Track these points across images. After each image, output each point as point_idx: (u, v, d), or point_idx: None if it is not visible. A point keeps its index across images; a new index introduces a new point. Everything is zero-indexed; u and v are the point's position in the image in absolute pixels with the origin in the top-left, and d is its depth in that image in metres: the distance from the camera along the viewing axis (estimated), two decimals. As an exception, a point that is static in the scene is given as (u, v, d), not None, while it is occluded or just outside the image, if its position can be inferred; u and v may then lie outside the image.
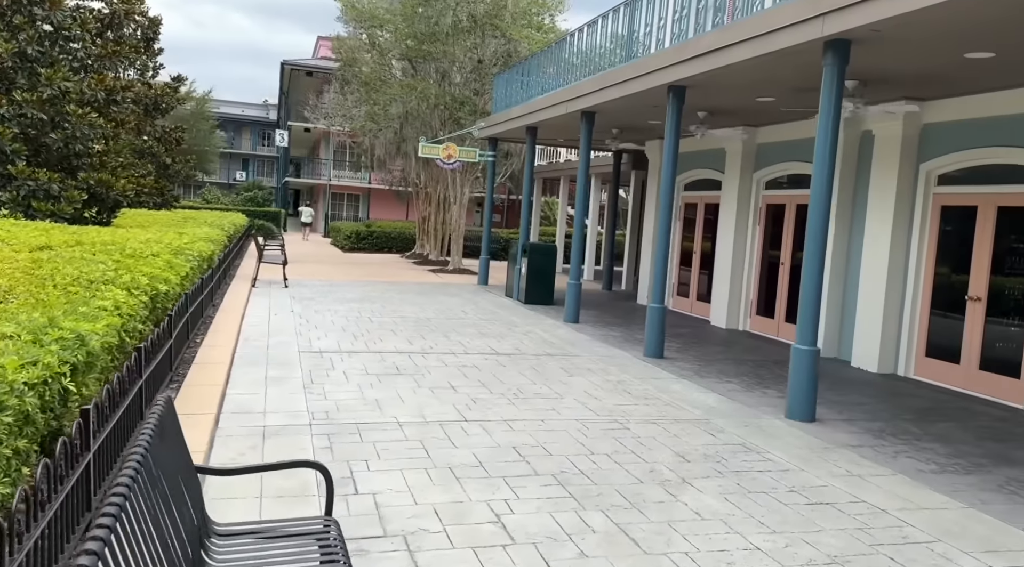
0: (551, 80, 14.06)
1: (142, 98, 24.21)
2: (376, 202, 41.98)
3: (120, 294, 6.09)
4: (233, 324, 9.76)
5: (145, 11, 24.66)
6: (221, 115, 64.76)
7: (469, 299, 14.81)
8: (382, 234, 27.53)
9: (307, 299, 13.21)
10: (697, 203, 14.65)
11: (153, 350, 5.79)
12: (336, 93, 24.96)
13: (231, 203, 44.89)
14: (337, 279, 17.18)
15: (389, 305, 13.10)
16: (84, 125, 14.02)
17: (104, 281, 6.48)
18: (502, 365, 8.65)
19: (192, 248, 10.38)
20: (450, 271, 20.23)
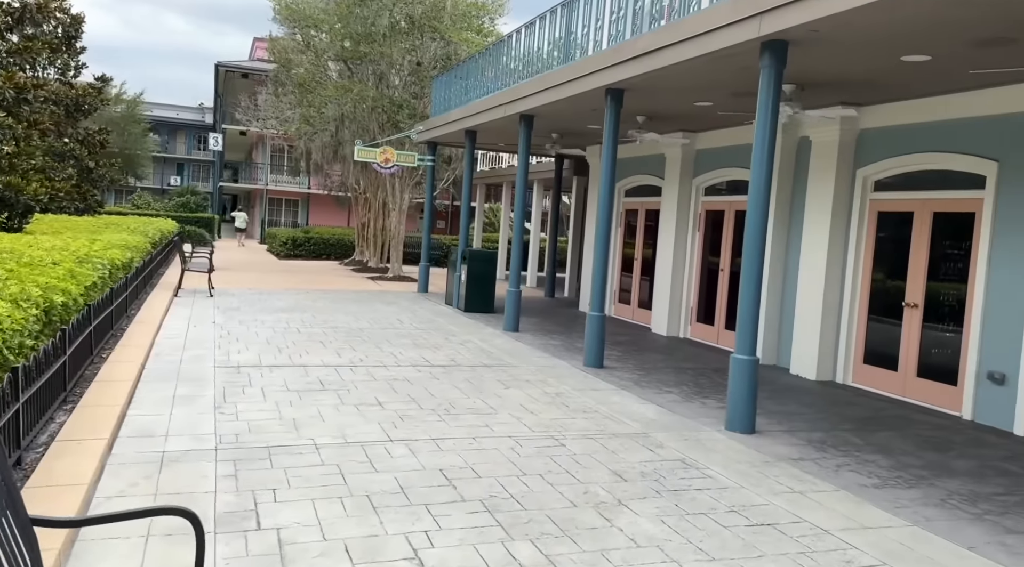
0: (490, 83, 13.72)
1: (62, 98, 22.98)
2: (315, 208, 41.01)
3: (3, 307, 5.46)
4: (146, 337, 9.08)
5: (67, 8, 23.46)
6: (154, 118, 62.61)
7: (407, 307, 14.32)
8: (320, 240, 26.76)
9: (232, 309, 12.53)
10: (638, 209, 14.50)
11: (37, 369, 5.19)
12: (270, 94, 24.15)
13: (163, 208, 43.24)
14: (268, 287, 16.47)
15: (321, 315, 12.52)
16: (-11, 124, 13.05)
17: (-15, 293, 5.82)
18: (435, 378, 8.22)
19: (103, 256, 9.66)
20: (390, 279, 19.68)
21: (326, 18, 18.98)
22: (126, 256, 11.65)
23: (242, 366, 8.15)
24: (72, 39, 23.70)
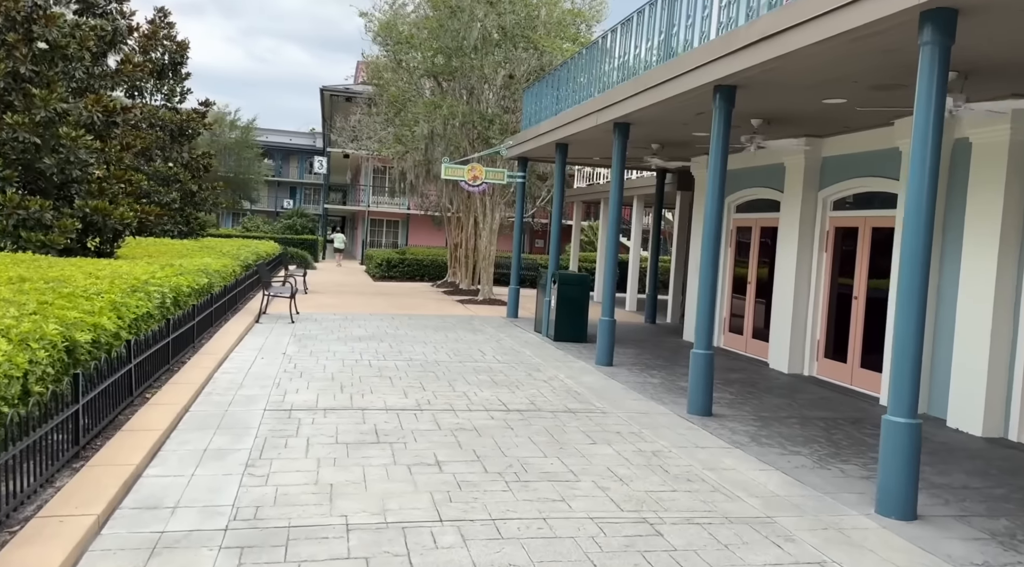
0: (583, 90, 12.53)
1: (167, 123, 23.63)
2: (414, 228, 41.01)
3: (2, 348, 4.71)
4: (204, 372, 8.39)
5: (173, 35, 24.18)
6: (269, 144, 65.26)
7: (492, 336, 13.23)
8: (414, 262, 26.28)
9: (308, 337, 11.83)
10: (751, 226, 12.85)
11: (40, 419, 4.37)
12: (365, 115, 23.94)
13: (270, 231, 44.47)
14: (355, 311, 15.83)
15: (399, 344, 11.62)
16: (79, 149, 13.05)
17: (-8, 332, 5.11)
18: (509, 427, 7.03)
19: (164, 283, 9.10)
20: (479, 302, 18.73)
21: (416, 32, 18.40)
22: (200, 282, 11.18)
23: (295, 409, 7.24)
24: (177, 65, 24.41)
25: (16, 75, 12.97)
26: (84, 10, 14.20)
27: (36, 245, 12.53)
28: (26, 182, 13.45)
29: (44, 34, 12.95)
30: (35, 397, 4.79)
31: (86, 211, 13.24)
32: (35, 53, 13.00)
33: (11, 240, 12.51)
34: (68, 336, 5.70)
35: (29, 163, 13.06)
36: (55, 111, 13.02)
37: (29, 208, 12.52)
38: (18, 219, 12.49)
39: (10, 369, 4.72)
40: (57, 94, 13.02)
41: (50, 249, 12.66)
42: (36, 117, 12.81)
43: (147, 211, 14.96)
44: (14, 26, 12.92)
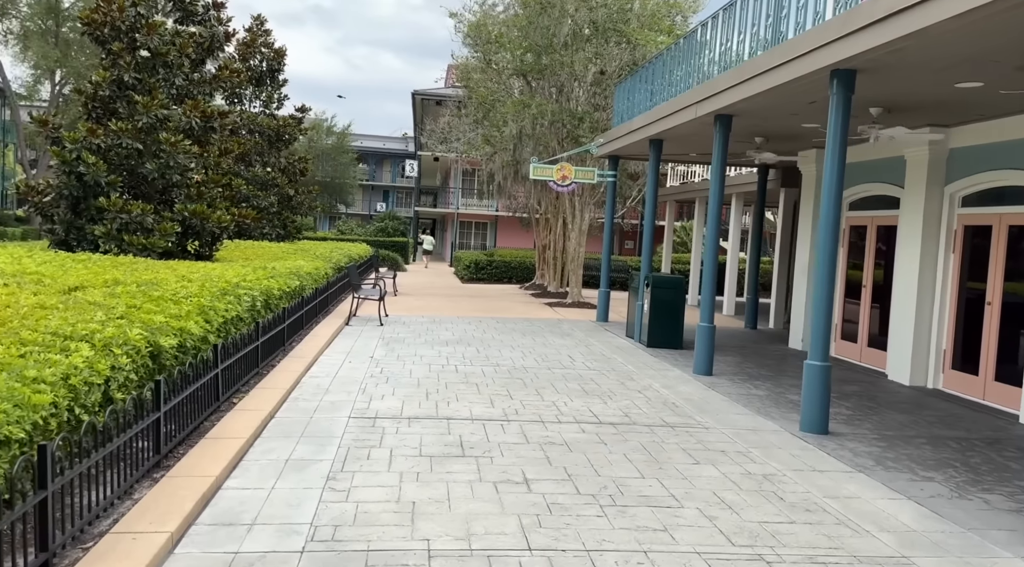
0: (679, 83, 11.88)
1: (265, 129, 24.32)
2: (503, 230, 40.93)
3: (80, 357, 4.62)
4: (292, 376, 8.29)
5: (271, 43, 24.88)
6: (363, 149, 66.89)
7: (581, 341, 12.74)
8: (502, 264, 26.07)
9: (396, 341, 11.69)
10: (866, 224, 11.84)
11: (100, 435, 4.24)
12: (454, 117, 23.90)
13: (364, 234, 45.41)
14: (443, 314, 15.68)
15: (486, 349, 11.31)
16: (179, 153, 13.41)
17: (79, 337, 5.06)
18: (602, 442, 6.54)
19: (255, 286, 9.09)
20: (568, 305, 18.26)
21: (506, 31, 18.12)
22: (292, 284, 11.21)
23: (379, 417, 7.00)
24: (275, 72, 25.10)
25: (120, 83, 13.46)
26: (184, 18, 14.64)
27: (138, 248, 12.94)
28: (129, 186, 13.95)
29: (146, 42, 13.38)
30: (116, 404, 4.69)
31: (185, 215, 13.60)
32: (138, 61, 13.46)
33: (115, 243, 12.97)
34: (152, 341, 5.62)
35: (132, 168, 13.53)
36: (156, 117, 13.43)
37: (131, 212, 12.95)
38: (121, 223, 12.94)
39: (91, 376, 4.62)
40: (158, 101, 13.42)
41: (151, 252, 13.05)
42: (138, 123, 13.24)
43: (243, 214, 15.28)
44: (119, 35, 13.41)
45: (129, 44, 13.37)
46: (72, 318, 5.57)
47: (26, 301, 6.36)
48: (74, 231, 13.33)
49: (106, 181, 13.03)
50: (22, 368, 4.24)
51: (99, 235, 12.89)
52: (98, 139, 12.97)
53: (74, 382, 4.39)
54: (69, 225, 13.35)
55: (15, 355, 4.53)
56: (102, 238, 12.93)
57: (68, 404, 4.34)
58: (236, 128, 23.72)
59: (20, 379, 4.05)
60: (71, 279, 7.82)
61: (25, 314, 5.71)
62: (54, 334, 5.08)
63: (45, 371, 4.23)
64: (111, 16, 13.29)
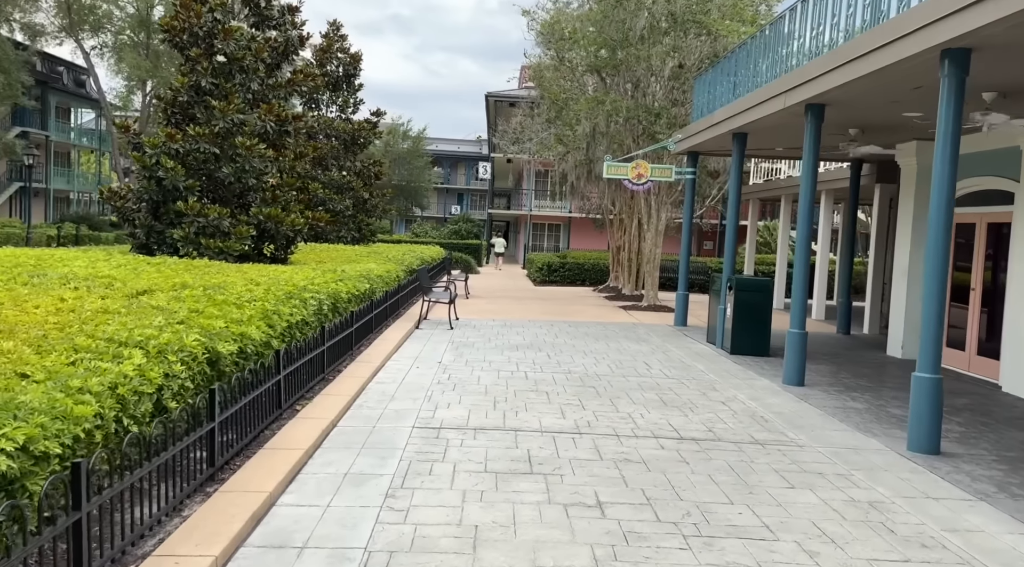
0: (765, 73, 11.14)
1: (340, 133, 24.58)
2: (576, 232, 40.38)
3: (132, 365, 4.43)
4: (358, 381, 8.06)
5: (347, 47, 25.15)
6: (438, 153, 67.52)
7: (658, 346, 12.12)
8: (575, 266, 25.54)
9: (466, 345, 11.37)
10: (974, 223, 10.81)
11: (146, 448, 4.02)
12: (526, 117, 23.56)
13: (437, 236, 45.67)
14: (514, 318, 15.32)
15: (557, 354, 10.86)
16: (253, 157, 13.51)
17: (134, 343, 4.90)
18: (684, 460, 6.00)
19: (322, 289, 8.93)
20: (643, 308, 17.59)
21: (580, 26, 17.62)
22: (361, 288, 11.05)
23: (444, 428, 6.65)
24: (351, 77, 25.34)
25: (198, 88, 13.66)
26: (260, 23, 14.78)
27: (214, 251, 13.08)
28: (208, 191, 14.15)
29: (223, 47, 13.55)
30: (170, 413, 4.48)
31: (260, 218, 13.69)
32: (214, 66, 13.63)
33: (193, 246, 13.15)
34: (211, 347, 5.43)
35: (210, 172, 13.71)
36: (232, 121, 13.57)
37: (208, 216, 13.10)
38: (199, 226, 13.10)
39: (141, 384, 4.43)
40: (234, 105, 13.56)
41: (227, 255, 13.18)
42: (215, 128, 13.40)
43: (317, 217, 15.35)
44: (196, 41, 13.62)
45: (206, 49, 13.57)
46: (131, 323, 5.44)
47: (91, 305, 6.31)
48: (154, 235, 13.61)
49: (184, 185, 13.24)
50: (68, 377, 4.07)
51: (177, 238, 13.11)
52: (176, 144, 13.20)
53: (122, 392, 4.19)
54: (149, 229, 13.63)
55: (64, 363, 4.37)
56: (180, 241, 13.14)
57: (116, 415, 4.14)
58: (314, 132, 24.07)
59: (64, 389, 3.86)
60: (141, 283, 7.81)
61: (86, 319, 5.62)
62: (109, 340, 4.94)
63: (92, 381, 4.04)
64: (189, 22, 13.52)
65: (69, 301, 6.46)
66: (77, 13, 36.94)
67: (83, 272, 8.12)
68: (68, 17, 36.64)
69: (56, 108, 43.03)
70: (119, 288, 7.48)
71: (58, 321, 5.55)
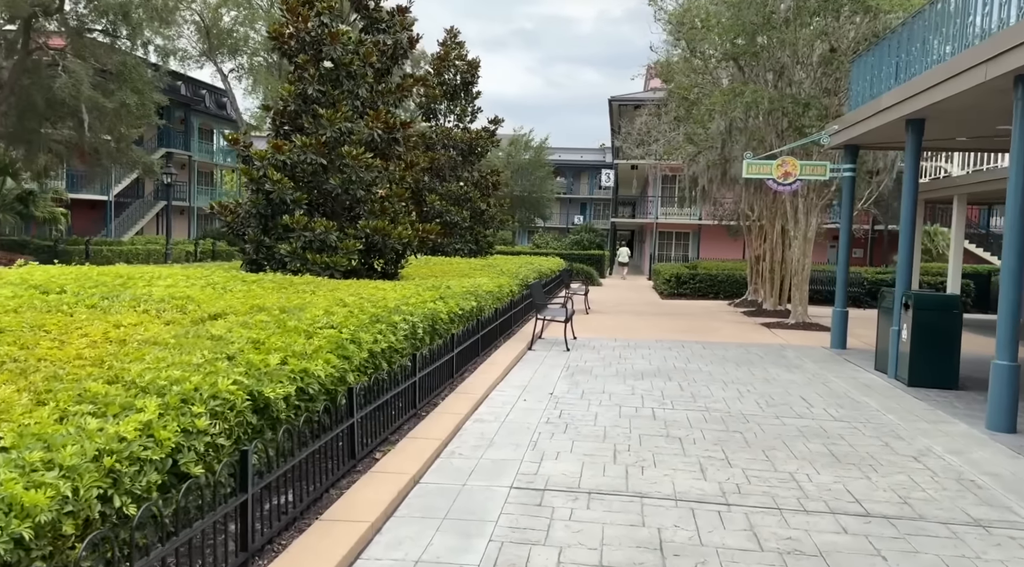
0: (942, 49, 9.08)
1: (457, 143, 23.88)
2: (706, 240, 37.94)
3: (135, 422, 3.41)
4: (453, 420, 6.88)
5: (464, 55, 24.48)
6: (560, 162, 66.65)
7: (815, 375, 10.20)
8: (707, 277, 23.48)
9: (582, 371, 9.98)
10: None
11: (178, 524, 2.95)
12: (650, 115, 21.87)
13: (559, 247, 44.50)
14: (639, 337, 13.75)
15: (691, 385, 9.24)
16: (360, 167, 12.78)
17: (156, 389, 3.90)
18: (878, 553, 4.33)
19: (419, 310, 7.85)
20: (790, 326, 15.48)
21: (715, 10, 15.85)
22: (466, 306, 9.94)
23: (549, 488, 5.29)
24: (468, 85, 24.64)
25: (305, 97, 13.11)
26: (369, 26, 14.10)
27: (321, 267, 12.41)
28: (316, 204, 13.59)
29: (330, 53, 12.93)
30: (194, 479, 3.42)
31: (367, 232, 12.92)
32: (321, 73, 13.04)
33: (300, 262, 12.55)
34: (256, 391, 4.37)
35: (318, 184, 13.12)
36: (340, 130, 12.92)
37: (315, 230, 12.46)
38: (305, 241, 12.49)
39: (144, 449, 3.38)
40: (342, 113, 12.91)
41: (334, 270, 12.48)
42: (322, 137, 12.78)
43: (427, 229, 14.43)
44: (304, 47, 13.09)
45: (314, 56, 13.01)
46: (170, 358, 4.49)
47: (146, 332, 5.47)
48: (263, 250, 13.15)
49: (291, 199, 12.69)
50: (45, 441, 3.07)
51: (285, 254, 12.56)
52: (283, 155, 12.68)
53: (111, 463, 3.15)
54: (258, 244, 13.19)
55: (54, 418, 3.40)
56: (288, 257, 12.58)
57: (102, 493, 3.10)
58: (431, 143, 23.53)
59: (19, 466, 2.84)
60: (219, 305, 7.00)
61: (126, 353, 4.73)
62: (131, 384, 3.97)
63: (65, 451, 3.02)
64: (297, 27, 13.02)
65: (124, 328, 5.67)
66: (216, 38, 38.84)
67: (159, 293, 7.45)
68: (207, 42, 38.56)
69: (199, 129, 45.56)
70: (191, 312, 6.68)
71: (94, 355, 4.69)
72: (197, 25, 38.84)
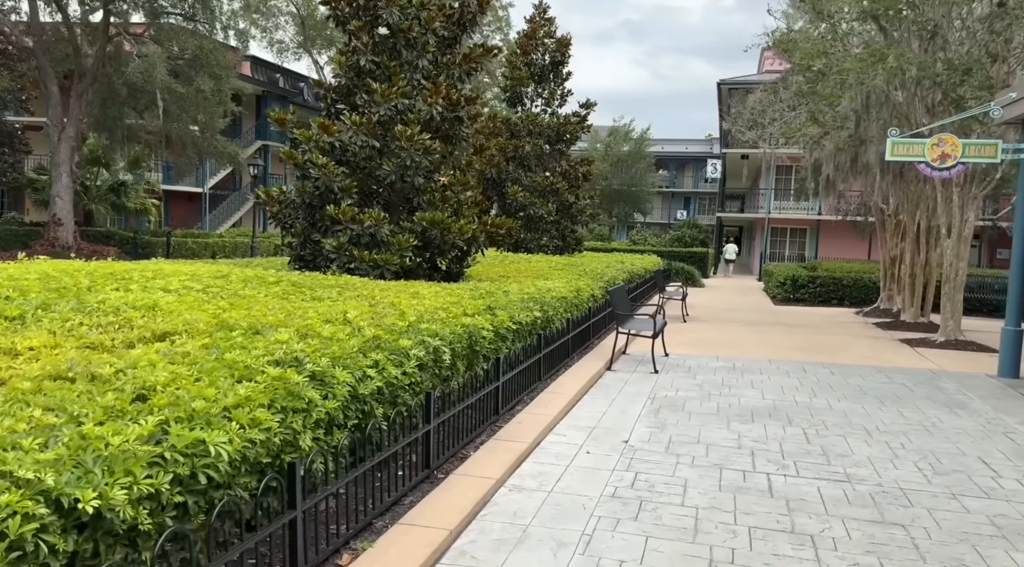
0: None
1: (544, 129, 21.87)
2: (826, 237, 34.28)
3: None
4: (479, 488, 4.93)
5: (552, 31, 22.41)
6: (663, 154, 63.61)
7: (990, 420, 7.58)
8: (830, 280, 20.41)
9: (671, 406, 7.79)
10: None
11: None
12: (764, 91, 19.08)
13: (659, 244, 41.71)
14: (747, 354, 11.35)
15: (820, 433, 6.88)
16: (417, 150, 11.02)
17: None
18: None
19: (448, 327, 5.97)
20: (939, 344, 12.59)
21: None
22: (524, 318, 7.96)
23: (597, 646, 3.24)
24: (559, 65, 22.54)
25: (358, 69, 11.47)
26: (431, -12, 12.27)
27: (369, 265, 10.76)
28: (371, 193, 11.96)
29: (386, 17, 11.21)
30: None
31: (424, 224, 11.16)
32: (375, 41, 11.36)
33: (346, 258, 10.95)
34: (192, 463, 2.56)
35: (371, 170, 11.48)
36: (395, 108, 11.21)
37: (363, 222, 10.82)
38: (352, 235, 10.87)
39: None
40: (398, 87, 11.19)
41: (385, 270, 10.81)
42: (375, 116, 11.11)
43: (497, 224, 12.46)
44: (357, 12, 11.43)
45: (368, 21, 11.35)
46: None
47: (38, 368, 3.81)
48: (310, 245, 11.65)
49: (340, 186, 11.10)
50: None
51: (329, 249, 10.98)
52: (331, 137, 11.09)
53: None
54: (305, 239, 11.71)
55: None
56: (333, 253, 11.01)
57: None
58: (517, 130, 21.64)
59: None
60: (181, 319, 5.33)
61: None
62: None
63: None
64: (345, -10, 11.38)
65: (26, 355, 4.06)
66: (313, 28, 38.47)
67: (120, 300, 5.88)
68: (303, 34, 38.22)
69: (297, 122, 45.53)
70: (139, 328, 5.03)
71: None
72: (293, 16, 38.60)
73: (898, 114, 13.04)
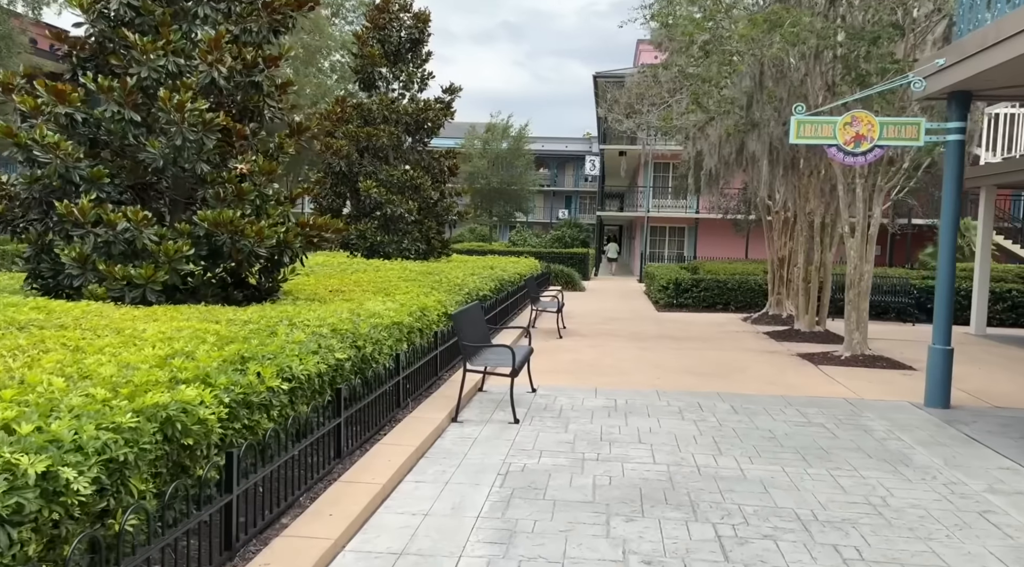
0: None
1: (401, 116, 19.18)
2: (704, 236, 33.47)
3: None
4: None
5: (407, 4, 19.73)
6: (543, 153, 62.19)
7: (951, 487, 5.61)
8: (713, 284, 18.87)
9: (529, 489, 5.35)
10: None
11: None
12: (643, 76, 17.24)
13: (539, 244, 39.88)
14: (632, 383, 9.18)
15: (741, 537, 4.62)
16: (192, 125, 8.10)
17: None
18: None
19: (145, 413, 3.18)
20: (844, 360, 10.92)
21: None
22: (314, 368, 5.30)
23: None
24: (417, 43, 19.90)
25: (109, 18, 8.41)
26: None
27: (124, 284, 7.76)
28: (145, 187, 8.92)
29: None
30: None
31: (206, 227, 8.21)
32: (128, -22, 8.34)
33: (93, 275, 7.90)
34: None
35: (131, 153, 8.45)
36: (164, 69, 8.25)
37: (115, 224, 7.79)
38: (96, 242, 7.82)
39: None
40: (168, 41, 8.25)
41: (147, 290, 7.82)
42: (131, 80, 8.10)
43: (320, 224, 9.60)
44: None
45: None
46: None
47: None
48: (46, 257, 8.49)
49: (84, 176, 8.01)
50: None
51: (70, 262, 7.88)
52: (67, 107, 7.99)
53: None
54: (40, 249, 8.53)
55: None
56: (76, 267, 7.91)
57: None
58: (372, 117, 18.80)
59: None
60: None
61: None
62: None
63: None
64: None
65: None
66: None
67: None
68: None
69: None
70: None
71: None
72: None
73: (796, 93, 11.33)
